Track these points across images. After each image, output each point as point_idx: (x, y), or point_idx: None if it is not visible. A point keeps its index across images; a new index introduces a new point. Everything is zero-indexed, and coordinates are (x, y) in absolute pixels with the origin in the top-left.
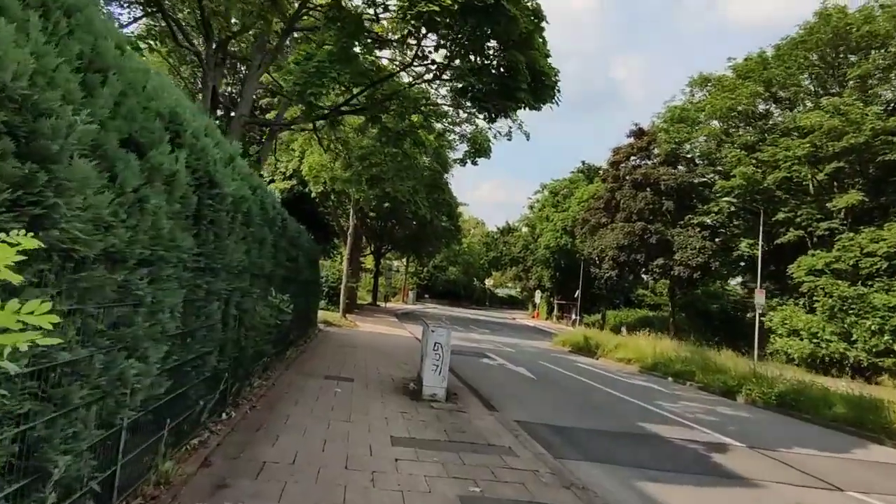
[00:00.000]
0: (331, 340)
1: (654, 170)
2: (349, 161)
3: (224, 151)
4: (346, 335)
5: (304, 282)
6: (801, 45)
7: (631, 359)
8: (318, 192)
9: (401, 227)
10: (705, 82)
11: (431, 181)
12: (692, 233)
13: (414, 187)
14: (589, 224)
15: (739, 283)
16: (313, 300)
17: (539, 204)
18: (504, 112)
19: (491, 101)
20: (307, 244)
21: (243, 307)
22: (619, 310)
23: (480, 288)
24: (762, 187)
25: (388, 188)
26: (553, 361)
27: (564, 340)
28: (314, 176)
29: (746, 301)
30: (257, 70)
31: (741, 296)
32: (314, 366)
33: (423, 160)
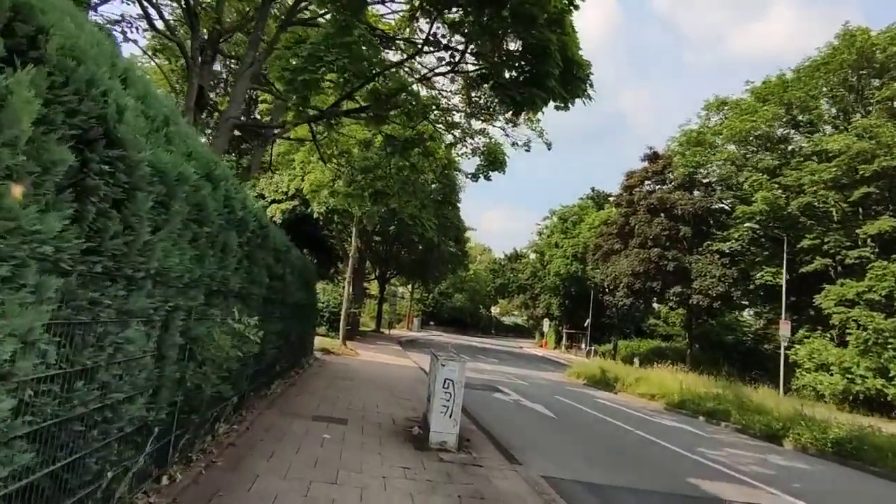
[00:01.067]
0: (327, 371)
1: (670, 194)
2: (352, 176)
3: (153, 107)
4: (344, 365)
5: (294, 305)
6: (822, 68)
7: (655, 394)
8: (321, 212)
9: (407, 251)
10: (722, 105)
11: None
12: (711, 260)
13: (421, 202)
14: (602, 250)
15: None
16: (307, 326)
17: (548, 230)
18: (531, 105)
19: (516, 90)
20: (299, 263)
21: (193, 334)
22: (630, 340)
23: (486, 316)
24: (785, 213)
25: (394, 204)
26: (570, 396)
27: (579, 373)
28: (312, 190)
29: (764, 332)
30: (249, 68)
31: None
32: (303, 403)
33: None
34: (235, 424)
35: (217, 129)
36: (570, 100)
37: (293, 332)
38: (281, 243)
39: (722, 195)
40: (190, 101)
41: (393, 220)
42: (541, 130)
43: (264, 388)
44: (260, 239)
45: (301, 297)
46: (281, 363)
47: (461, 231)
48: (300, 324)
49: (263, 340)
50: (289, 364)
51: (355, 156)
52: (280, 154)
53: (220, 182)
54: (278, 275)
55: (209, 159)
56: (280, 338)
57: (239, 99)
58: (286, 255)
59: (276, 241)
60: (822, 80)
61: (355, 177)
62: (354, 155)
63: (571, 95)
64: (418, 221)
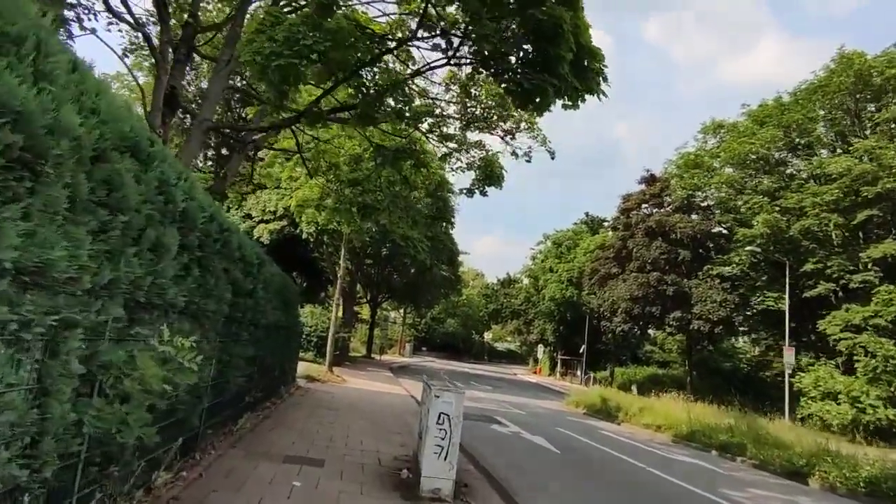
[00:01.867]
0: (310, 400)
1: (668, 217)
2: (340, 190)
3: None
4: (329, 393)
5: (271, 327)
6: (819, 91)
7: (661, 425)
8: (310, 231)
9: (399, 274)
10: (718, 128)
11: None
12: (711, 285)
13: (413, 218)
14: (598, 274)
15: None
16: (288, 351)
17: (542, 255)
18: (540, 94)
19: (524, 76)
20: (277, 280)
21: (102, 360)
22: (626, 366)
23: (479, 341)
24: (787, 236)
25: (384, 220)
26: (572, 427)
27: (578, 401)
28: (297, 206)
29: (764, 359)
30: (226, 66)
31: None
32: (275, 440)
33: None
34: (184, 471)
35: (189, 133)
36: (582, 94)
37: (269, 357)
38: (252, 255)
39: (721, 218)
40: (158, 101)
41: (385, 243)
42: (543, 138)
43: (229, 423)
44: (219, 244)
45: (279, 318)
46: (253, 393)
47: (454, 254)
48: (279, 348)
49: (228, 367)
50: (264, 393)
51: (343, 170)
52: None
53: (154, 162)
54: (247, 291)
55: (133, 128)
56: (251, 364)
57: (213, 99)
58: (260, 269)
59: (245, 252)
60: (818, 104)
61: (343, 190)
62: (343, 169)
63: (584, 89)
64: (410, 243)
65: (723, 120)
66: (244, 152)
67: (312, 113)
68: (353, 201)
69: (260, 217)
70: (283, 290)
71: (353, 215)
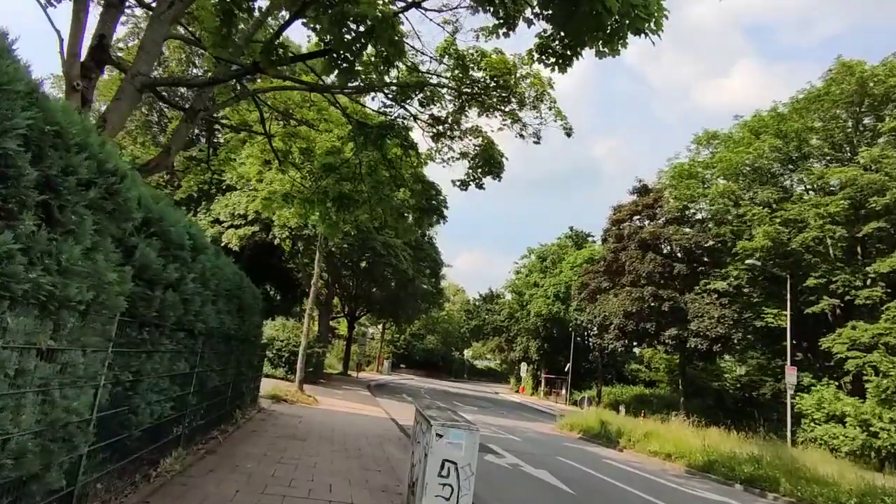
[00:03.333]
0: (271, 427)
1: (663, 229)
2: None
3: None
4: (297, 417)
5: (216, 336)
6: (818, 100)
7: (671, 454)
8: (283, 237)
9: (378, 287)
10: (712, 139)
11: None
12: (710, 300)
13: (399, 211)
14: (588, 289)
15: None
16: (245, 367)
17: (526, 269)
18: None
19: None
20: (229, 276)
21: None
22: (612, 385)
23: (459, 359)
24: (788, 249)
25: (363, 215)
26: (574, 456)
27: (572, 424)
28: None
29: (756, 379)
30: (168, 9)
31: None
32: (209, 491)
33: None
34: None
35: (120, 89)
36: (627, 33)
37: (216, 375)
38: (180, 233)
39: (718, 230)
40: (74, 46)
41: (364, 252)
42: (557, 110)
43: (143, 467)
44: (102, 196)
45: (231, 326)
46: (190, 421)
47: (438, 265)
48: (231, 364)
49: (134, 390)
50: (209, 421)
51: (318, 154)
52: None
53: None
54: (168, 281)
55: None
56: (184, 384)
57: (150, 50)
58: (196, 256)
59: (165, 223)
60: (817, 114)
61: (318, 181)
62: (317, 154)
63: (631, 28)
64: (392, 251)
65: (716, 131)
66: (193, 122)
67: (270, 55)
68: (329, 192)
69: (229, 222)
70: (237, 291)
71: (329, 209)
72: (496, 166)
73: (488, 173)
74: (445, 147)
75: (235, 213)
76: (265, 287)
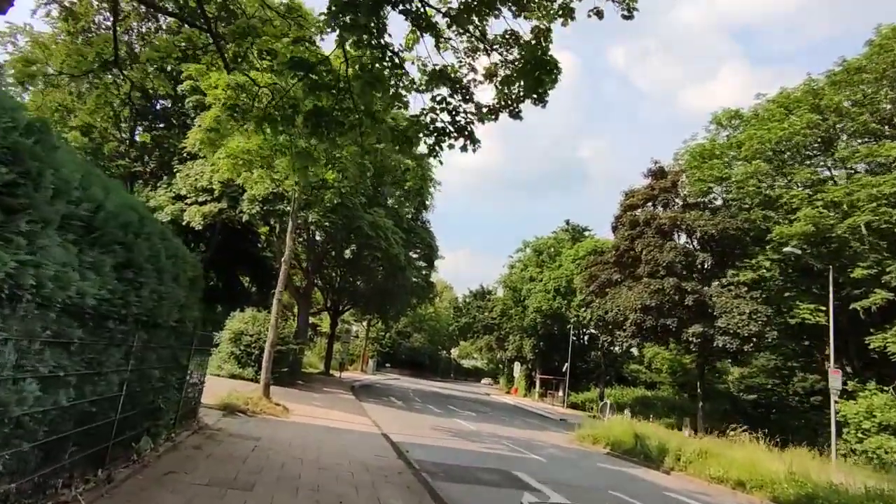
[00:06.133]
0: (206, 459)
1: (684, 214)
2: (280, 98)
3: None
4: (254, 438)
5: (107, 318)
6: (858, 72)
7: (743, 481)
8: (253, 212)
9: (364, 278)
10: (733, 118)
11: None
12: (738, 293)
13: (407, 136)
14: (597, 281)
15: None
16: (171, 368)
17: (521, 264)
18: None
19: None
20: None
21: None
22: (612, 387)
23: (446, 358)
24: (832, 236)
25: (346, 142)
26: (624, 487)
27: (596, 436)
28: (227, 157)
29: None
30: None
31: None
32: None
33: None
34: None
35: None
36: None
37: (103, 379)
38: None
39: (748, 215)
40: None
41: (349, 233)
42: None
43: None
44: None
45: (147, 304)
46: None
47: (433, 251)
48: (139, 362)
49: None
50: (91, 454)
51: (283, 53)
52: None
53: None
54: None
55: None
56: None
57: None
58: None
59: None
60: (859, 87)
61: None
62: (282, 53)
63: None
64: (381, 233)
65: (738, 109)
66: None
67: None
68: (299, 105)
69: (193, 197)
70: (135, 242)
71: (298, 133)
72: (549, 74)
73: (536, 91)
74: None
75: (199, 187)
76: (236, 274)
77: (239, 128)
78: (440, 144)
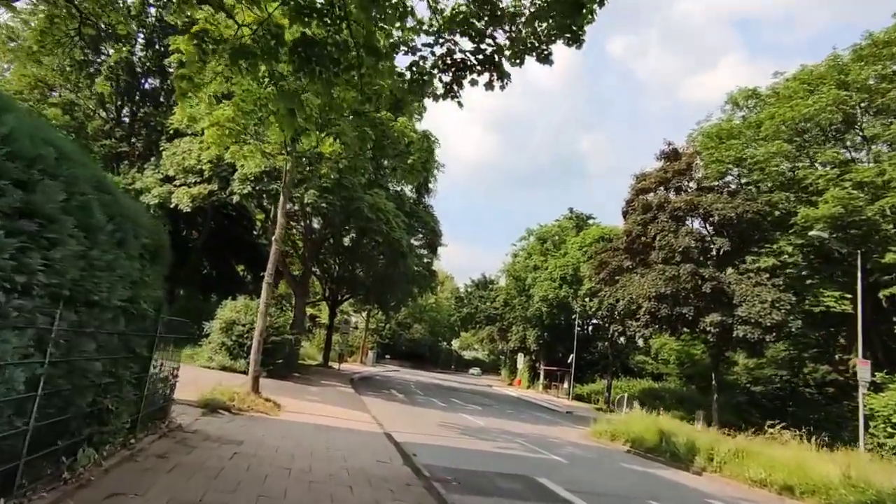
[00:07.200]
0: (168, 474)
1: (701, 197)
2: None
3: None
4: (235, 442)
5: None
6: (887, 45)
7: (791, 486)
8: (244, 192)
9: (364, 266)
10: (750, 97)
11: None
12: (758, 280)
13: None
14: (607, 268)
15: None
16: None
17: (524, 252)
18: None
19: None
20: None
21: None
22: (618, 378)
23: (447, 349)
24: (861, 219)
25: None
26: (660, 494)
27: (614, 432)
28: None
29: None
30: None
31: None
32: None
33: None
34: None
35: None
36: None
37: None
38: None
39: (770, 197)
40: None
41: (348, 219)
42: None
43: None
44: None
45: (68, 272)
46: None
47: (436, 235)
48: (63, 350)
49: None
50: None
51: None
52: None
53: None
54: None
55: None
56: None
57: None
58: None
59: None
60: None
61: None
62: None
63: None
64: (382, 216)
65: (756, 88)
66: None
67: None
68: (282, 33)
69: (182, 179)
70: (71, 205)
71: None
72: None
73: (565, 28)
74: None
75: (186, 167)
76: (232, 264)
77: (212, 66)
78: (459, 82)
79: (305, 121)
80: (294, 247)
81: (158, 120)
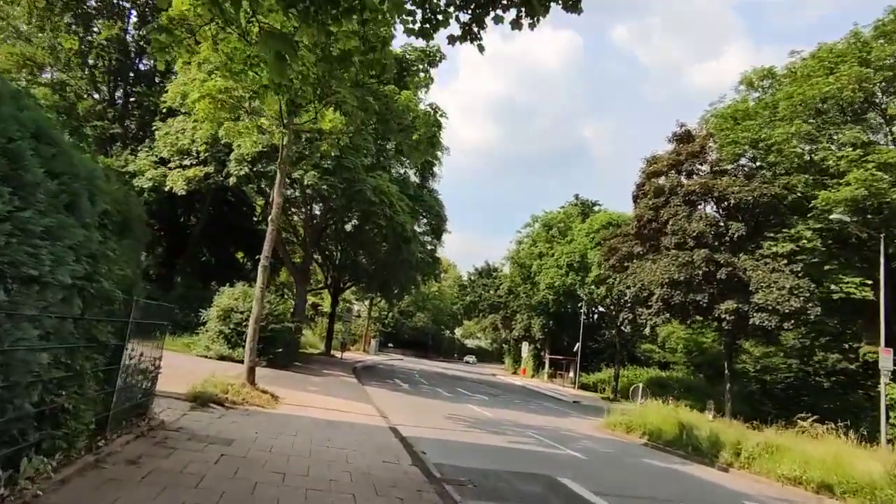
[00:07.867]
0: (139, 479)
1: (716, 180)
2: None
3: None
4: (225, 441)
5: None
6: None
7: (831, 485)
8: (241, 174)
9: (367, 252)
10: (766, 77)
11: None
12: (775, 266)
13: None
14: (617, 254)
15: None
16: (57, 346)
17: (529, 239)
18: None
19: None
20: None
21: None
22: (625, 367)
23: (450, 338)
24: (885, 202)
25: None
26: (702, 499)
27: (629, 424)
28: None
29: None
30: None
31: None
32: None
33: None
34: None
35: None
36: None
37: None
38: None
39: (789, 180)
40: None
41: (350, 203)
42: None
43: None
44: None
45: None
46: None
47: (441, 220)
48: None
49: None
50: None
51: None
52: None
53: None
54: None
55: None
56: None
57: None
58: None
59: None
60: None
61: None
62: None
63: None
64: (386, 199)
65: (772, 67)
66: None
67: None
68: None
69: (177, 161)
70: None
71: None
72: None
73: None
74: None
75: (181, 148)
76: (231, 251)
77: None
78: (481, 20)
79: (302, 80)
80: (295, 233)
81: (152, 100)
